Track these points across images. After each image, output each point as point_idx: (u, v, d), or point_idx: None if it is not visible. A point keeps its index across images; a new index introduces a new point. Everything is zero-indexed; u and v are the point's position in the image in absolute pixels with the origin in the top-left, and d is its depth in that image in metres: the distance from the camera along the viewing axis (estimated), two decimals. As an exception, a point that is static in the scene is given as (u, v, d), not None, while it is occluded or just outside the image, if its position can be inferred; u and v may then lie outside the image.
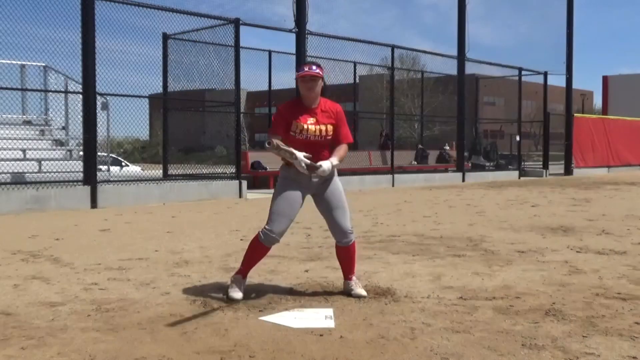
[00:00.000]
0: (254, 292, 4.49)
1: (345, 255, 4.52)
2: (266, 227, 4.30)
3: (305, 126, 4.27)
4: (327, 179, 4.41)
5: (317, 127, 4.30)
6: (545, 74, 23.62)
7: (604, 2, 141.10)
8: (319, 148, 4.34)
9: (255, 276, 5.01)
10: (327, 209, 4.41)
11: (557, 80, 25.43)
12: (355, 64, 20.74)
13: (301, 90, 4.36)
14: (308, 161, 4.13)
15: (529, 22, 24.44)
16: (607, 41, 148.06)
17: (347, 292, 4.48)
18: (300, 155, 4.10)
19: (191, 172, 15.74)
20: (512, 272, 5.27)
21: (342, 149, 4.40)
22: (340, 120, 4.43)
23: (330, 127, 4.35)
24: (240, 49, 13.62)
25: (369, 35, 17.42)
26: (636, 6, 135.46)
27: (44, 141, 13.22)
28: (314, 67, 4.34)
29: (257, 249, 4.40)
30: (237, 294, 4.33)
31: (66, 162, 12.49)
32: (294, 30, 14.83)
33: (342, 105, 4.61)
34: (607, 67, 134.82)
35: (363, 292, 4.44)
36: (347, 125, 4.47)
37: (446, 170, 21.14)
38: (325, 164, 4.21)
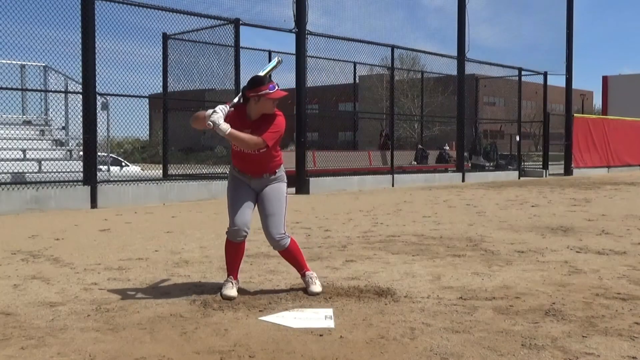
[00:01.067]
0: (254, 292, 4.49)
1: (287, 257, 4.57)
2: (229, 224, 4.37)
3: None
4: (268, 183, 4.39)
5: None
6: (545, 74, 23.62)
7: (604, 4, 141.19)
8: (255, 159, 4.29)
9: (255, 276, 5.02)
10: (261, 213, 4.43)
11: (557, 81, 25.46)
12: (355, 64, 20.74)
13: (264, 108, 4.20)
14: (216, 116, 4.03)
15: (531, 24, 24.39)
16: (607, 42, 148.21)
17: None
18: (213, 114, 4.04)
19: (191, 172, 15.73)
20: (512, 272, 5.27)
21: (248, 135, 4.15)
22: (268, 123, 4.23)
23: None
24: (240, 49, 13.62)
25: (375, 37, 17.30)
26: (636, 8, 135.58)
27: (44, 141, 13.22)
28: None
29: (229, 248, 4.46)
30: (230, 291, 4.36)
31: (66, 162, 12.49)
32: (293, 30, 14.83)
33: (342, 106, 4.58)
34: (607, 67, 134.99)
35: (317, 289, 4.44)
36: (272, 129, 4.21)
37: (446, 170, 21.15)
38: (218, 120, 4.00)
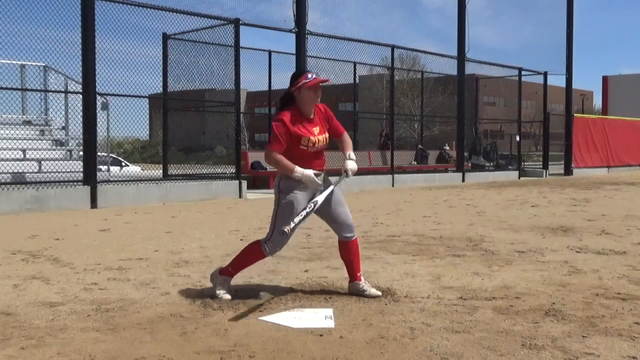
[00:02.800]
0: (254, 292, 4.49)
1: (350, 252, 4.43)
2: (274, 239, 4.24)
3: (315, 139, 4.25)
4: (327, 181, 4.42)
5: (323, 136, 4.32)
6: (545, 74, 23.62)
7: (604, 4, 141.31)
8: (321, 154, 4.38)
9: (255, 276, 5.01)
10: (330, 207, 4.35)
11: (557, 80, 25.46)
12: (355, 64, 20.74)
13: (308, 99, 4.24)
14: (329, 181, 4.36)
15: (531, 24, 24.44)
16: (607, 42, 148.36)
17: (358, 294, 4.38)
18: (319, 182, 4.25)
19: (191, 172, 15.72)
20: (512, 272, 5.27)
21: (349, 140, 4.48)
22: (331, 116, 4.44)
23: (327, 133, 4.39)
24: (240, 49, 13.62)
25: (375, 37, 17.33)
26: (636, 8, 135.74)
27: (44, 141, 13.22)
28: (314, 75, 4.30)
29: (257, 257, 4.40)
30: (227, 295, 4.32)
31: (66, 162, 12.48)
32: (293, 30, 14.83)
33: (342, 105, 4.63)
34: (607, 67, 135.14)
35: (377, 292, 4.40)
36: (336, 120, 4.51)
37: (446, 170, 21.14)
38: (351, 164, 4.32)
